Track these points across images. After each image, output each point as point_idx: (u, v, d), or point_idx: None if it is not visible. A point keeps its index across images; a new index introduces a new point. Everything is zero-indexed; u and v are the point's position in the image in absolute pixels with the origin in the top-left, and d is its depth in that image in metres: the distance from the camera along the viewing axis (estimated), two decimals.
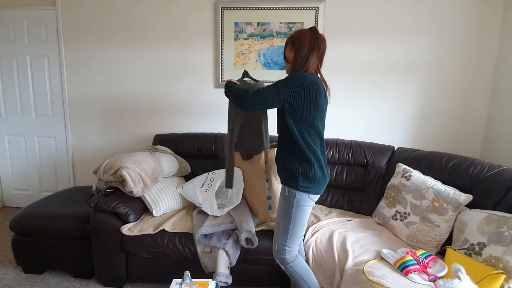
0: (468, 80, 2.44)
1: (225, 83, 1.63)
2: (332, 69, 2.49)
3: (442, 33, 2.39)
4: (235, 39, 2.53)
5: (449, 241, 1.61)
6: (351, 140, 2.32)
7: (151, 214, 1.99)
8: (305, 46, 1.44)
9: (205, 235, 1.79)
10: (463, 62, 2.42)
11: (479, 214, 1.50)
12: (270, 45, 2.52)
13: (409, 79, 2.49)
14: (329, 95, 1.52)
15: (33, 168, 2.96)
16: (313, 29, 1.48)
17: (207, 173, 2.14)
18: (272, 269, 1.83)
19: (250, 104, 1.42)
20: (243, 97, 1.44)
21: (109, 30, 2.63)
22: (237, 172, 2.10)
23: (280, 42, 2.51)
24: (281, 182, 1.50)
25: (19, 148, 2.94)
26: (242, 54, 2.55)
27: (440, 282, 1.16)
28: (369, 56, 2.46)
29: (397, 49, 2.44)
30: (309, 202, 1.46)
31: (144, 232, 1.82)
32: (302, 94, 1.37)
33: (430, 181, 1.77)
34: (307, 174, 1.42)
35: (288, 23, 2.47)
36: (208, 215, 1.94)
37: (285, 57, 1.55)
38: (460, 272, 1.15)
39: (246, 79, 1.93)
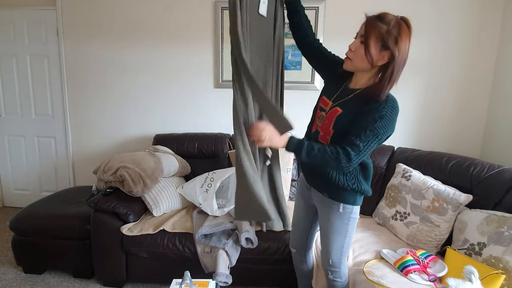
0: (468, 80, 2.44)
1: (290, 140, 1.15)
2: None
3: (442, 33, 2.39)
4: None
5: (449, 241, 1.61)
6: None
7: (151, 214, 1.99)
8: (408, 48, 1.10)
9: (205, 235, 1.79)
10: (463, 62, 2.42)
11: (479, 214, 1.50)
12: None
13: (409, 79, 2.48)
14: None
15: (33, 168, 2.96)
16: (407, 21, 1.13)
17: (207, 173, 2.14)
18: (272, 269, 1.83)
19: (354, 166, 1.14)
20: (336, 163, 1.11)
21: (109, 30, 2.63)
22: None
23: None
24: (333, 199, 1.29)
25: (19, 148, 2.94)
26: None
27: (452, 281, 1.14)
28: None
29: None
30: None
31: (144, 232, 1.82)
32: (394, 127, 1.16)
33: (430, 181, 1.77)
34: (365, 189, 1.29)
35: (288, 23, 2.46)
36: (208, 215, 1.94)
37: (367, 54, 1.11)
38: (473, 275, 1.15)
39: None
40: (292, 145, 1.15)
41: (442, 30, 2.38)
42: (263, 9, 1.16)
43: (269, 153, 1.33)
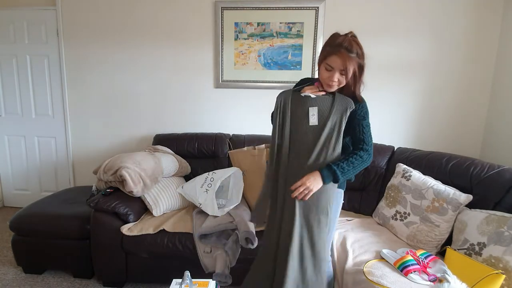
0: (468, 80, 2.44)
1: (335, 173, 1.33)
2: None
3: (442, 33, 2.39)
4: (235, 39, 2.53)
5: (449, 241, 1.61)
6: None
7: (151, 214, 1.99)
8: None
9: (205, 235, 1.79)
10: (463, 62, 2.42)
11: (479, 214, 1.50)
12: (270, 45, 2.52)
13: (409, 79, 2.48)
14: None
15: (33, 168, 2.96)
16: (354, 34, 1.36)
17: (207, 173, 2.14)
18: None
19: (372, 157, 1.41)
20: (365, 163, 1.37)
21: (109, 30, 2.63)
22: (237, 173, 2.10)
23: (280, 42, 2.50)
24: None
25: (19, 148, 2.94)
26: (242, 54, 2.55)
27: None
28: (368, 56, 2.44)
29: (397, 49, 2.44)
30: None
31: (144, 232, 1.82)
32: None
33: (430, 181, 1.77)
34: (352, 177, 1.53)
35: (288, 23, 2.47)
36: (208, 215, 1.94)
37: (348, 78, 1.36)
38: (447, 273, 1.15)
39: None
40: (328, 177, 1.34)
41: (442, 30, 2.38)
42: (313, 120, 1.43)
43: None
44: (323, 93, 1.45)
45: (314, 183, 1.32)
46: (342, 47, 1.30)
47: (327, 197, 1.38)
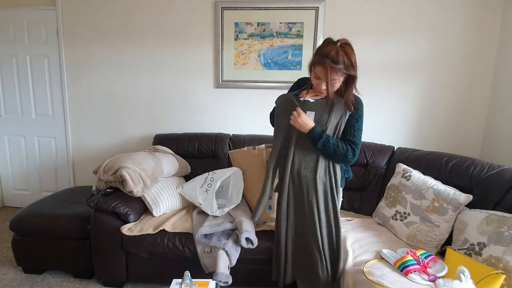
0: (468, 80, 2.44)
1: (320, 135, 1.42)
2: None
3: (442, 33, 2.39)
4: (235, 39, 2.53)
5: (449, 241, 1.61)
6: None
7: (151, 214, 1.98)
8: (356, 58, 1.37)
9: (205, 235, 1.79)
10: (463, 62, 2.42)
11: (479, 214, 1.50)
12: (270, 45, 2.52)
13: (409, 79, 2.48)
14: None
15: (33, 168, 2.96)
16: (347, 41, 1.37)
17: (207, 173, 2.14)
18: (272, 269, 1.83)
19: (356, 157, 1.49)
20: (345, 158, 1.45)
21: (109, 30, 2.63)
22: (237, 173, 2.10)
23: (280, 42, 2.50)
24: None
25: (19, 148, 2.94)
26: (242, 54, 2.55)
27: (440, 281, 1.16)
28: (368, 56, 2.46)
29: (397, 49, 2.44)
30: None
31: (144, 232, 1.82)
32: None
33: (430, 181, 1.77)
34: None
35: (288, 23, 2.47)
36: (208, 215, 1.94)
37: (336, 86, 1.39)
38: (463, 274, 1.15)
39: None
40: (313, 134, 1.43)
41: (442, 30, 2.38)
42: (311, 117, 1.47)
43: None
44: (322, 96, 1.47)
45: (303, 124, 1.43)
46: (328, 58, 1.30)
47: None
